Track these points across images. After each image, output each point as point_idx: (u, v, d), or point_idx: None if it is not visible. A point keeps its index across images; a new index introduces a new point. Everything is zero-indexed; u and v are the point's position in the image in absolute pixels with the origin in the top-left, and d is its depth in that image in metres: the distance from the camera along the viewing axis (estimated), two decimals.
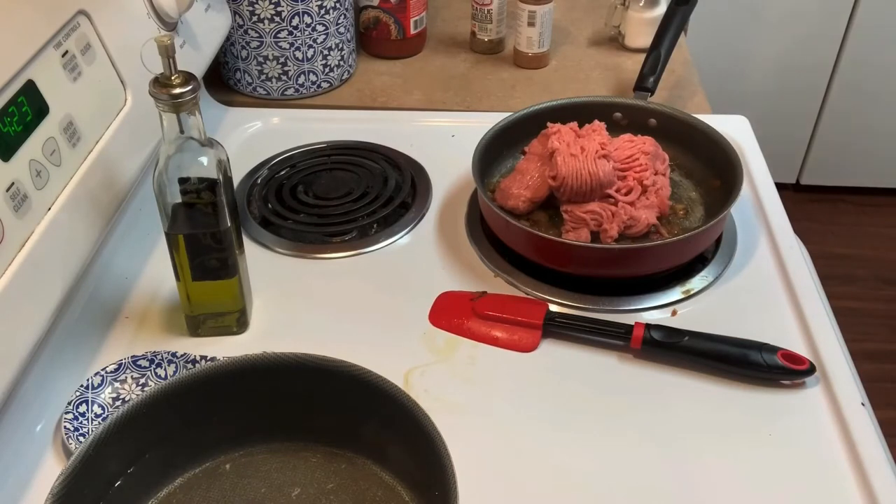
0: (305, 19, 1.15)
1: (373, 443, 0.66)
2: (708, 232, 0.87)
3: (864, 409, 0.75)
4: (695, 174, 0.98)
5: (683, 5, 1.15)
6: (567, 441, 0.73)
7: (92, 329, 0.83)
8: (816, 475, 0.70)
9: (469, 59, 1.31)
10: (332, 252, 0.94)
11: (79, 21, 0.79)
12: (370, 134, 1.10)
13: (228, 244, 0.77)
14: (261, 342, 0.82)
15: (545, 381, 0.79)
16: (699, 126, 0.98)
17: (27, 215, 0.68)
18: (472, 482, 0.57)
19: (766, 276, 0.89)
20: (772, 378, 0.77)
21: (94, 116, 0.79)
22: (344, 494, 0.65)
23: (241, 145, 1.10)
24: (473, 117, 1.13)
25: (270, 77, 1.19)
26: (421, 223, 0.97)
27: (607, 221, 0.88)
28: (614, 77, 1.25)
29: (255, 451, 0.68)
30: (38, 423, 0.74)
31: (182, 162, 0.72)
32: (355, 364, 0.63)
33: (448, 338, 0.83)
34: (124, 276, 0.90)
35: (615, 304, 0.86)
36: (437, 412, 0.60)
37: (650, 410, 0.76)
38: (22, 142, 0.68)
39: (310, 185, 1.01)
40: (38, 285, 0.69)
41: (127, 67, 0.85)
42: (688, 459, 0.72)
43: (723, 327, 0.81)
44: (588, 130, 0.93)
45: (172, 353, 0.78)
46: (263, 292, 0.86)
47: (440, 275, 0.90)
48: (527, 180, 0.92)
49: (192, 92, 0.69)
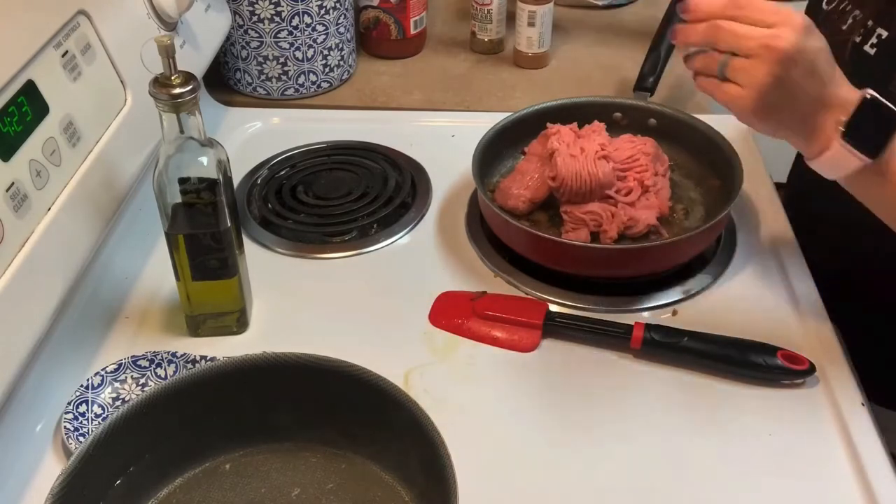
0: (305, 19, 1.15)
1: (373, 443, 0.66)
2: (708, 232, 0.87)
3: (864, 409, 0.75)
4: (695, 174, 0.98)
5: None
6: (567, 441, 0.73)
7: (92, 329, 0.83)
8: (816, 475, 0.70)
9: (469, 59, 1.31)
10: (332, 252, 0.94)
11: (79, 21, 0.79)
12: (370, 134, 1.10)
13: (228, 244, 0.77)
14: (261, 342, 0.82)
15: (545, 381, 0.79)
16: (699, 126, 0.98)
17: (27, 215, 0.68)
18: (472, 482, 0.57)
19: (765, 275, 0.89)
20: (772, 378, 0.77)
21: (94, 116, 0.79)
22: (344, 494, 0.65)
23: (241, 145, 1.10)
24: (473, 117, 1.13)
25: (270, 77, 1.19)
26: (421, 223, 0.97)
27: (607, 222, 0.88)
28: (614, 77, 1.25)
29: (255, 451, 0.68)
30: (38, 423, 0.74)
31: (182, 162, 0.72)
32: (355, 364, 0.63)
33: (448, 338, 0.83)
34: (124, 276, 0.90)
35: (615, 304, 0.86)
36: (437, 412, 0.60)
37: (650, 410, 0.76)
38: (22, 142, 0.68)
39: (310, 185, 1.01)
40: (38, 285, 0.69)
41: (127, 67, 0.84)
42: (688, 459, 0.72)
43: (723, 327, 0.81)
44: (588, 131, 0.93)
45: (172, 353, 0.78)
46: (263, 292, 0.86)
47: (440, 275, 0.90)
48: (527, 181, 0.92)
49: (192, 92, 0.69)
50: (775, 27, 0.68)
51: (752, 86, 0.70)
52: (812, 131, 0.71)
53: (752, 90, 0.70)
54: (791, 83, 0.69)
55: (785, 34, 0.68)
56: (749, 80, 0.70)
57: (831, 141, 0.70)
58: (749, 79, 0.70)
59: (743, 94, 0.71)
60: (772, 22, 0.69)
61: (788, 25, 0.68)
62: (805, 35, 0.68)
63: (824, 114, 0.70)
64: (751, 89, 0.70)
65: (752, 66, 0.69)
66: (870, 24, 0.82)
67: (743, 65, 0.70)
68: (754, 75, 0.69)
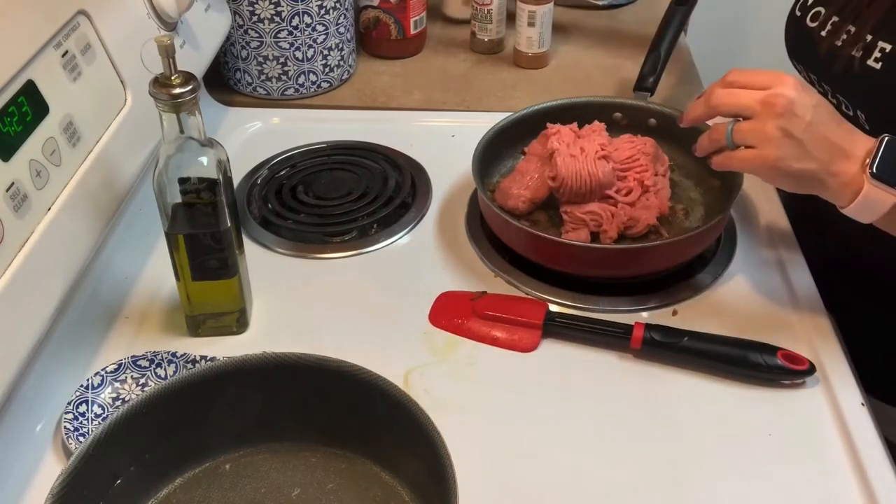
0: (305, 19, 1.15)
1: (373, 443, 0.66)
2: (708, 232, 0.87)
3: (864, 409, 0.75)
4: (695, 174, 0.98)
5: (683, 5, 1.15)
6: (567, 441, 0.73)
7: (92, 329, 0.83)
8: (816, 475, 0.70)
9: (469, 59, 1.31)
10: (332, 252, 0.94)
11: (79, 21, 0.79)
12: (370, 134, 1.10)
13: (228, 244, 0.77)
14: (261, 342, 0.82)
15: (545, 381, 0.79)
16: (699, 126, 0.97)
17: (27, 215, 0.68)
18: (472, 482, 0.57)
19: (766, 276, 0.89)
20: (772, 378, 0.77)
21: (94, 116, 0.79)
22: (344, 494, 0.65)
23: (241, 145, 1.10)
24: (473, 117, 1.13)
25: (270, 77, 1.19)
26: (421, 223, 0.97)
27: (607, 222, 0.88)
28: (614, 77, 1.25)
29: (255, 451, 0.68)
30: (38, 423, 0.74)
31: (182, 162, 0.72)
32: (355, 364, 0.63)
33: (448, 338, 0.83)
34: (124, 276, 0.90)
35: (615, 304, 0.86)
36: (437, 412, 0.60)
37: (650, 410, 0.76)
38: (22, 142, 0.68)
39: (310, 185, 1.01)
40: (38, 285, 0.69)
41: (127, 67, 0.84)
42: (687, 459, 0.72)
43: (723, 327, 0.81)
44: (588, 131, 0.93)
45: (172, 353, 0.78)
46: (263, 292, 0.86)
47: (440, 275, 0.90)
48: (527, 181, 0.92)
49: (192, 92, 0.69)
50: (771, 87, 0.71)
51: (764, 143, 0.72)
52: (838, 180, 0.72)
53: (765, 148, 0.72)
54: (801, 135, 0.70)
55: (782, 90, 0.71)
56: (759, 139, 0.72)
57: (862, 184, 0.70)
58: (759, 137, 0.72)
59: (758, 154, 0.72)
60: (766, 83, 0.72)
61: (782, 84, 0.71)
62: (800, 90, 0.71)
63: (846, 161, 0.71)
64: (763, 147, 0.72)
65: (758, 125, 0.72)
66: (868, 38, 0.82)
67: (749, 126, 0.72)
68: (763, 132, 0.71)
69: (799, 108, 0.70)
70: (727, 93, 0.74)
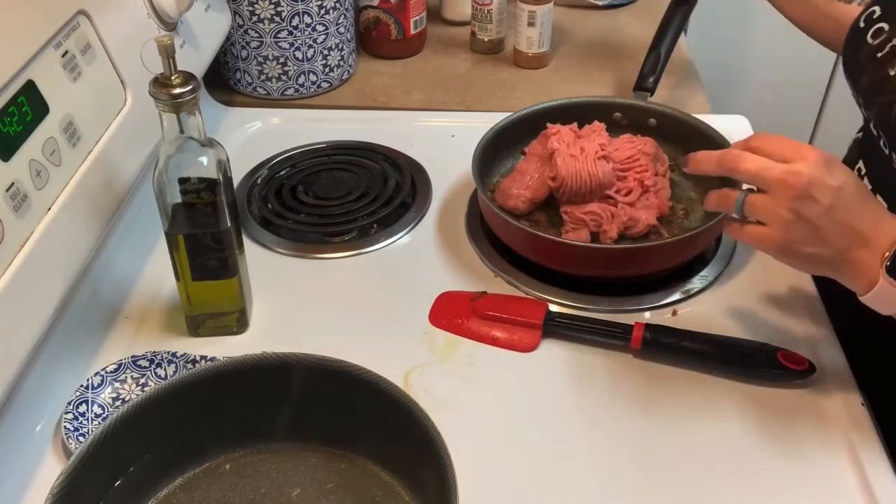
0: (305, 19, 1.15)
1: (373, 443, 0.66)
2: (708, 232, 0.87)
3: (864, 408, 0.75)
4: (694, 174, 0.98)
5: (683, 5, 1.15)
6: (567, 441, 0.73)
7: (92, 329, 0.83)
8: (816, 475, 0.70)
9: (469, 59, 1.31)
10: (332, 252, 0.94)
11: (79, 21, 0.79)
12: (370, 134, 1.10)
13: (228, 244, 0.77)
14: (261, 342, 0.82)
15: (545, 381, 0.79)
16: (699, 126, 0.98)
17: (27, 215, 0.68)
18: (472, 482, 0.57)
19: (765, 276, 0.89)
20: (772, 378, 0.77)
21: (94, 116, 0.79)
22: (344, 494, 0.65)
23: (241, 145, 1.10)
24: (473, 117, 1.13)
25: (270, 77, 1.19)
26: (421, 223, 0.97)
27: (607, 222, 0.88)
28: (614, 77, 1.25)
29: (255, 451, 0.68)
30: (38, 423, 0.74)
31: (182, 162, 0.72)
32: (355, 364, 0.63)
33: (448, 338, 0.83)
34: (124, 276, 0.90)
35: (615, 304, 0.86)
36: (437, 412, 0.60)
37: (650, 410, 0.76)
38: (22, 142, 0.68)
39: (310, 185, 1.01)
40: (38, 285, 0.69)
41: (127, 67, 0.84)
42: (687, 459, 0.72)
43: (723, 327, 0.81)
44: (588, 131, 0.93)
45: (172, 353, 0.78)
46: (263, 292, 0.86)
47: (440, 275, 0.90)
48: (527, 181, 0.92)
49: (192, 92, 0.69)
50: (792, 162, 0.65)
51: (776, 223, 0.67)
52: (854, 268, 0.67)
53: (777, 229, 0.67)
54: (817, 220, 0.65)
55: (802, 169, 0.65)
56: (771, 218, 0.67)
57: (878, 276, 0.66)
58: (770, 216, 0.67)
59: (767, 233, 0.68)
60: (788, 157, 0.66)
61: (805, 161, 0.65)
62: (824, 170, 0.65)
63: (865, 250, 0.66)
64: (774, 227, 0.67)
65: (771, 204, 0.67)
66: None
67: (762, 201, 0.67)
68: (775, 212, 0.66)
69: (818, 191, 0.64)
70: (745, 158, 0.67)
